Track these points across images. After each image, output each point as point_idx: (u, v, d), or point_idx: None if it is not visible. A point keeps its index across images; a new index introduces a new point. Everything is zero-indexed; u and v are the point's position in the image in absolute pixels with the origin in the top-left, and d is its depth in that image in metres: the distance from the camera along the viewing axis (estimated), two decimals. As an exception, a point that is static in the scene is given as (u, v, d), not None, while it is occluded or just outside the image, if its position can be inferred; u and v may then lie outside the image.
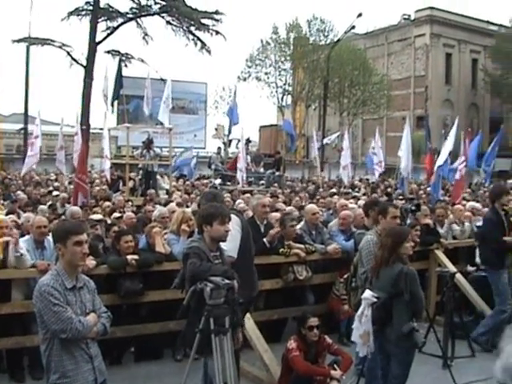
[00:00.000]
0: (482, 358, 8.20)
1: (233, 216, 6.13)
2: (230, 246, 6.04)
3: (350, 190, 20.32)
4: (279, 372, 6.90)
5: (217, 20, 38.57)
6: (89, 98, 34.77)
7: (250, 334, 7.34)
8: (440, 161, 15.61)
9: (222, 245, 5.81)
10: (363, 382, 6.62)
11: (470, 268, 10.51)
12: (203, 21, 38.43)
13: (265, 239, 8.62)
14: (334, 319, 8.88)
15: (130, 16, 37.59)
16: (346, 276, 7.55)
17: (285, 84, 54.72)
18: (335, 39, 49.18)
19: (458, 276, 9.46)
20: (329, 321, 8.58)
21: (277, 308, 8.93)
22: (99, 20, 35.97)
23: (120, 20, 37.28)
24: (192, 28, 38.47)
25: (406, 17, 58.01)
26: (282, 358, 6.82)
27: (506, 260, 8.84)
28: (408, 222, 10.26)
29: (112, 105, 24.29)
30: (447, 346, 8.21)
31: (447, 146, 15.61)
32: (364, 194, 19.05)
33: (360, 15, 43.27)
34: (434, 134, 24.25)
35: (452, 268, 9.63)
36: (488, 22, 60.60)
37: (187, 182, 22.82)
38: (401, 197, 16.58)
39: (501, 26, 57.57)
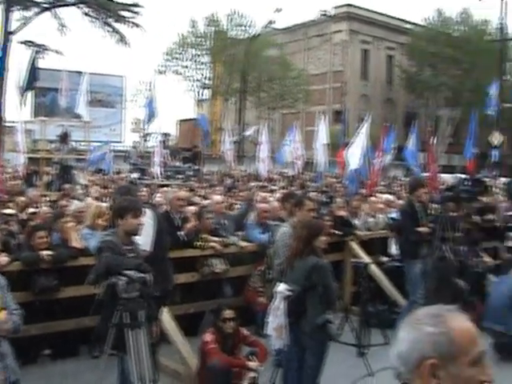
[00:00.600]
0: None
1: (147, 210, 6.13)
2: (144, 240, 6.03)
3: (267, 184, 20.47)
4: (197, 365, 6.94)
5: (135, 12, 38.15)
6: (2, 90, 33.86)
7: (167, 328, 7.34)
8: (354, 164, 15.57)
9: (136, 238, 5.79)
10: (281, 372, 6.71)
11: (383, 258, 10.80)
12: (122, 13, 37.93)
13: (181, 232, 8.64)
14: (251, 311, 8.96)
15: (46, 6, 36.71)
16: (261, 268, 7.64)
17: (204, 78, 54.58)
18: (256, 34, 49.52)
19: (372, 266, 9.71)
20: (245, 313, 8.65)
21: (194, 301, 8.96)
22: (13, 9, 34.99)
23: (35, 10, 36.34)
24: (110, 20, 37.92)
25: (324, 13, 58.66)
26: (199, 350, 6.86)
27: (421, 250, 9.13)
28: (323, 213, 10.47)
29: (22, 95, 23.65)
30: (362, 335, 8.41)
31: (359, 144, 15.64)
32: (283, 188, 19.20)
33: (279, 10, 43.84)
34: (351, 128, 24.67)
35: (366, 259, 9.87)
36: (403, 20, 61.99)
37: (106, 177, 22.51)
38: (316, 189, 16.83)
39: (415, 24, 59.03)
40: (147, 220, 6.06)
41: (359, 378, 7.37)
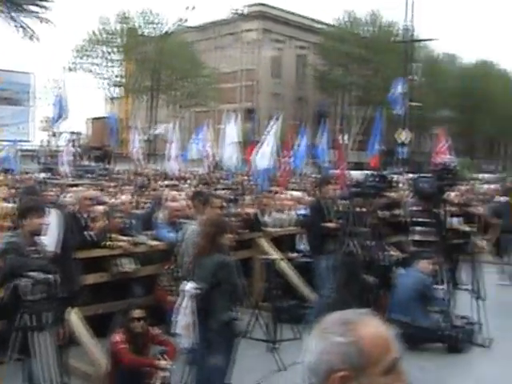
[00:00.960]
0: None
1: (52, 210, 6.03)
2: (50, 240, 5.93)
3: (178, 182, 20.40)
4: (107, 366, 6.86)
5: (44, 7, 37.18)
6: None
7: (76, 330, 7.22)
8: (263, 164, 15.52)
9: (42, 239, 5.69)
10: (192, 371, 6.70)
11: (291, 254, 10.94)
12: (30, 7, 36.87)
13: (90, 232, 8.52)
14: (161, 310, 8.92)
15: None
16: (171, 267, 7.62)
17: (116, 76, 53.94)
18: (168, 32, 49.32)
19: (281, 262, 9.84)
20: (156, 312, 8.60)
21: (104, 302, 8.84)
22: None
23: None
24: (17, 14, 36.81)
25: (235, 11, 58.97)
26: (109, 351, 6.79)
27: (329, 246, 9.31)
28: (231, 211, 10.54)
29: None
30: (273, 330, 8.51)
31: (269, 143, 15.61)
32: (195, 186, 19.19)
33: (192, 8, 43.73)
34: (263, 126, 24.80)
35: (274, 255, 9.98)
36: (315, 20, 62.91)
37: (16, 177, 21.92)
38: (226, 187, 16.93)
39: (326, 24, 60.02)
40: (52, 220, 5.97)
41: (271, 373, 7.48)
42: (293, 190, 16.68)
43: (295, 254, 10.91)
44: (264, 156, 15.11)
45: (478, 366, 8.38)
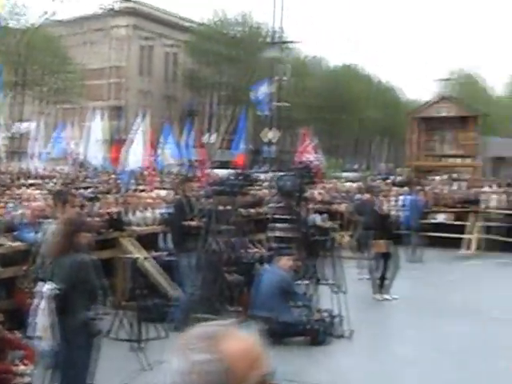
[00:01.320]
0: (176, 338, 8.54)
1: None
2: None
3: (41, 181, 19.88)
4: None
5: None
6: None
7: None
8: (136, 163, 15.35)
9: None
10: (54, 373, 6.58)
11: (155, 253, 10.93)
12: None
13: None
14: (22, 313, 8.67)
15: None
16: (30, 268, 7.45)
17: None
18: (34, 24, 47.83)
19: (144, 261, 9.81)
20: (16, 315, 8.36)
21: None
22: None
23: None
24: None
25: (104, 7, 58.01)
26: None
27: (189, 244, 9.39)
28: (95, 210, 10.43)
29: None
30: (137, 330, 8.48)
31: (139, 142, 15.46)
32: (63, 185, 18.75)
33: (57, 0, 42.52)
34: (130, 124, 24.57)
35: (136, 254, 9.92)
36: (185, 18, 62.92)
37: None
38: (90, 186, 16.72)
39: (197, 23, 60.19)
40: None
41: (136, 372, 7.46)
42: (159, 188, 16.66)
43: (159, 253, 10.91)
44: (136, 155, 15.02)
45: (338, 357, 8.74)
